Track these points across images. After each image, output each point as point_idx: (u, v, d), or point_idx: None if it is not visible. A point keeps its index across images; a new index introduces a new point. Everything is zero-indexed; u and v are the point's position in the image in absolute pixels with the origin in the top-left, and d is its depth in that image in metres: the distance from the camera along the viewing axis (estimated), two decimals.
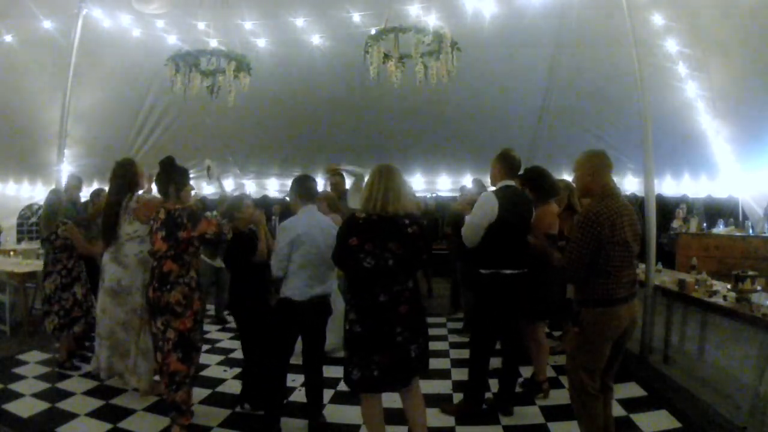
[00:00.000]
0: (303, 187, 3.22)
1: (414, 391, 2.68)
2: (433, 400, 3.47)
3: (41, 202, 7.95)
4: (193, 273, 3.02)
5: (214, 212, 3.84)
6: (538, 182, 3.64)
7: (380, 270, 2.48)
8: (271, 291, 3.52)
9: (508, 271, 3.24)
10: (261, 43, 5.94)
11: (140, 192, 3.79)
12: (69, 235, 4.13)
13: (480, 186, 5.49)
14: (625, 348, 2.74)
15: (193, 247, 2.99)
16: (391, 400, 2.80)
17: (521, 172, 3.58)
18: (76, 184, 5.71)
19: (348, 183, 5.33)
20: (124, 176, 3.68)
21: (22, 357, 4.48)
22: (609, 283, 2.52)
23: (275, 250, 3.13)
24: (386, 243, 2.49)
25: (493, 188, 3.47)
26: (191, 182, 3.33)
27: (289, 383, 3.87)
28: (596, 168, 2.61)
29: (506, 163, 3.41)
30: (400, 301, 2.51)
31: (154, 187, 3.51)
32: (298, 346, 3.27)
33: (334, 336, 3.92)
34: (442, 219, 6.94)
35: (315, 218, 3.19)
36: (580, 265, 2.51)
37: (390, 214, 2.52)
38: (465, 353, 3.45)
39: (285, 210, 6.18)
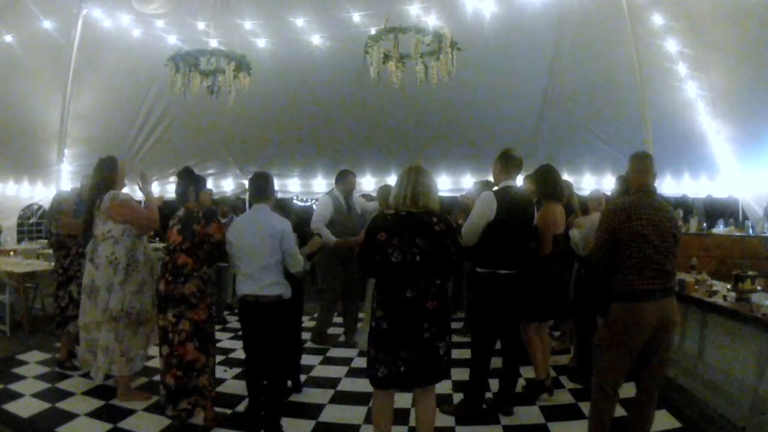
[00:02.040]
0: (252, 186, 3.33)
1: (430, 393, 2.67)
2: None
3: (41, 202, 8.00)
4: (206, 269, 3.19)
5: None
6: (543, 182, 3.68)
7: (407, 265, 2.50)
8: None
9: (504, 271, 3.24)
10: (261, 43, 5.94)
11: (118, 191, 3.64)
12: (62, 230, 4.11)
13: (480, 188, 5.45)
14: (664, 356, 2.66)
15: (207, 245, 3.13)
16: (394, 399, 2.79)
17: (531, 172, 3.59)
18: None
19: None
20: (102, 173, 3.59)
21: (22, 357, 4.48)
22: (629, 276, 2.57)
23: None
24: (414, 238, 2.50)
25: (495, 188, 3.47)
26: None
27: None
28: (634, 169, 2.82)
29: (507, 163, 3.41)
30: (428, 297, 2.52)
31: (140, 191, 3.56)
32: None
33: None
34: None
35: (253, 217, 3.14)
36: (601, 255, 2.70)
37: (419, 209, 2.55)
38: (465, 353, 3.45)
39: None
